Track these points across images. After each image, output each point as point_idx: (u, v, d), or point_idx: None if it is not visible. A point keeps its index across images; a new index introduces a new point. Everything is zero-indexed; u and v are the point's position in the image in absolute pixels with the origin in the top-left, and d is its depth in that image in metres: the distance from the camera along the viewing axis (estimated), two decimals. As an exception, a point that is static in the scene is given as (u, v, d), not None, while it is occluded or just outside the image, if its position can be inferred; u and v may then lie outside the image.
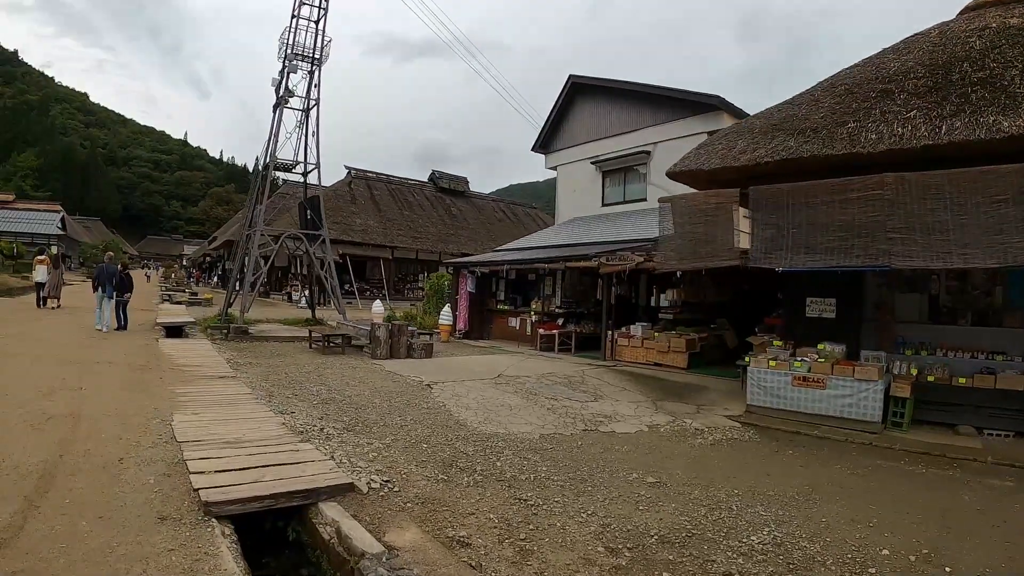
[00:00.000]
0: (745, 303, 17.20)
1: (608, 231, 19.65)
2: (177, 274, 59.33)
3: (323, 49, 19.25)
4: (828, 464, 7.41)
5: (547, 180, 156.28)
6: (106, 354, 12.16)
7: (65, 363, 10.75)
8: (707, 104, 19.43)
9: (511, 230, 43.69)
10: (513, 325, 19.22)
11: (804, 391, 9.51)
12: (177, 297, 30.68)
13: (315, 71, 19.34)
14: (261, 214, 18.59)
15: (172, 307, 24.17)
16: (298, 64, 18.84)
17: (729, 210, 10.29)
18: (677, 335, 14.86)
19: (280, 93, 18.90)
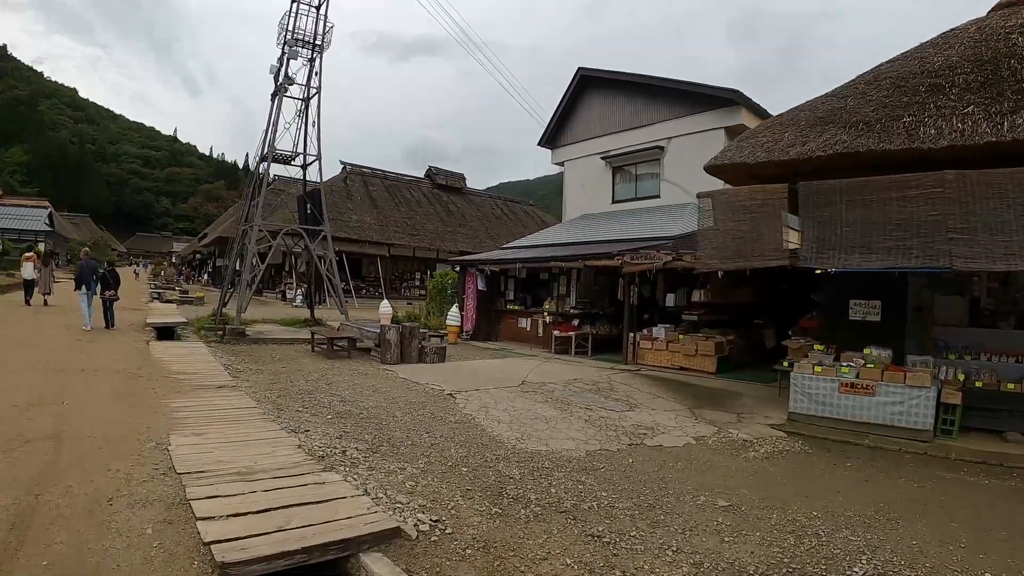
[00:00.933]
0: (770, 304, 16.34)
1: (620, 229, 18.79)
2: (167, 271, 58.04)
3: (325, 35, 18.22)
4: (891, 477, 7.00)
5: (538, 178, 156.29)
6: (93, 359, 11.11)
7: (48, 371, 9.72)
8: (725, 99, 18.60)
9: (509, 227, 42.76)
10: (523, 326, 18.27)
11: (852, 398, 8.92)
12: (167, 295, 29.56)
13: (316, 58, 18.30)
14: (259, 209, 17.49)
15: (162, 306, 23.07)
16: (298, 50, 17.80)
17: (776, 207, 9.69)
18: (704, 338, 14.04)
19: (279, 81, 17.85)
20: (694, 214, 18.03)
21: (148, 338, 14.66)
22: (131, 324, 16.97)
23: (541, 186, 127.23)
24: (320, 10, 18.15)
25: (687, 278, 15.47)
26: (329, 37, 18.32)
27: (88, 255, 17.61)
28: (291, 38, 17.67)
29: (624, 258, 14.19)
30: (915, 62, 10.33)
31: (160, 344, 13.82)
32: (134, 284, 40.10)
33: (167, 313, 18.94)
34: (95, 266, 16.37)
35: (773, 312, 16.19)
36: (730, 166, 11.33)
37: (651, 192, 20.87)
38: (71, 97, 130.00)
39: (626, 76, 22.21)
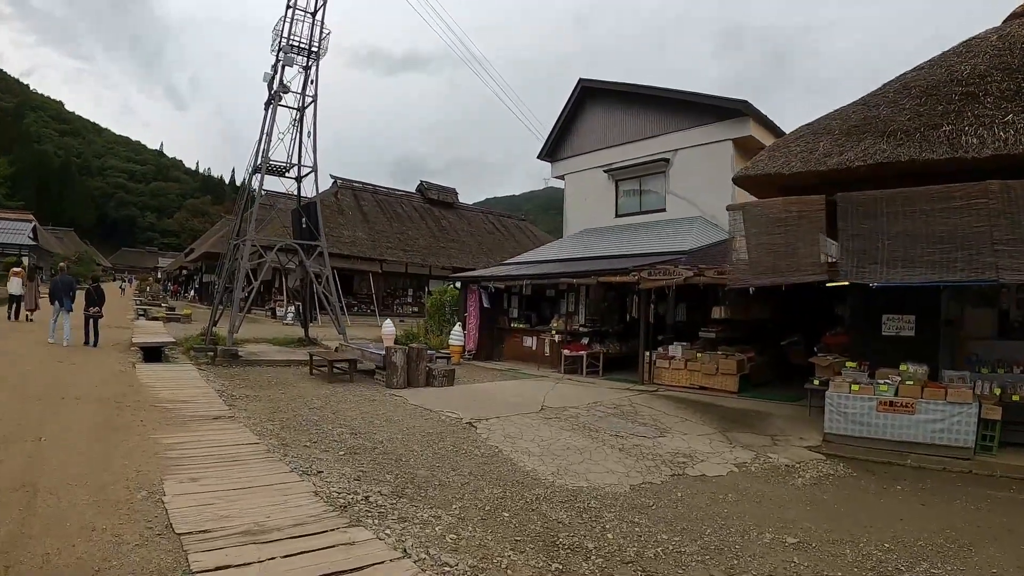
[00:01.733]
0: (789, 320, 15.69)
1: (626, 244, 18.15)
2: (152, 287, 56.75)
3: (321, 42, 17.47)
4: (945, 500, 6.81)
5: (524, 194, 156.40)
6: (74, 384, 10.17)
7: (25, 398, 8.80)
8: (733, 109, 18.03)
9: (502, 242, 42.09)
10: (529, 345, 17.45)
11: (890, 417, 8.53)
12: (153, 312, 28.42)
13: (312, 65, 17.53)
14: (252, 223, 16.61)
15: (149, 324, 22.06)
16: (294, 57, 17.03)
17: (812, 219, 9.39)
18: (724, 356, 13.38)
19: (273, 89, 17.05)
20: (703, 227, 17.64)
21: (134, 359, 13.72)
22: (116, 343, 16.06)
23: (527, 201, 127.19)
24: (316, 16, 17.43)
25: (702, 294, 14.87)
26: (326, 44, 17.59)
27: (64, 270, 17.33)
28: (286, 44, 16.90)
29: (641, 274, 13.47)
30: (942, 71, 10.13)
31: (147, 367, 12.87)
32: (119, 300, 39.04)
33: (154, 332, 17.99)
34: (70, 281, 16.04)
35: (792, 328, 15.58)
36: (762, 177, 10.74)
37: (657, 206, 20.22)
38: (57, 110, 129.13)
39: (629, 87, 21.62)
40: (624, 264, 15.12)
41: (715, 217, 18.02)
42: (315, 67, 17.55)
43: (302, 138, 17.63)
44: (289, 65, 17.02)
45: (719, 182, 18.01)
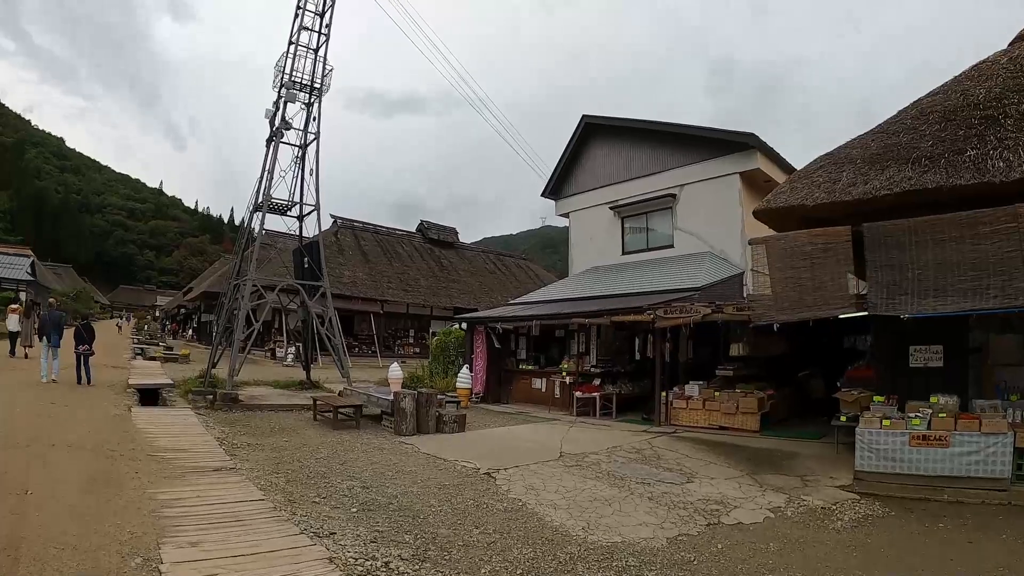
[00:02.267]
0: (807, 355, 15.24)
1: (634, 281, 17.80)
2: (150, 326, 56.09)
3: (324, 78, 17.26)
4: (993, 537, 6.48)
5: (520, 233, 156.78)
6: (66, 429, 9.61)
7: (13, 444, 8.25)
8: (740, 143, 17.88)
9: (503, 282, 41.81)
10: (538, 387, 16.92)
11: (923, 451, 8.16)
12: (151, 351, 27.82)
13: (315, 102, 17.29)
14: (252, 262, 16.17)
15: (146, 364, 21.50)
16: (296, 93, 16.79)
17: (839, 251, 9.15)
18: (744, 394, 12.94)
19: (275, 125, 16.77)
20: (713, 263, 17.27)
21: (130, 402, 13.18)
22: (112, 384, 15.51)
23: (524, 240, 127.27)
24: (319, 52, 17.25)
25: (715, 331, 14.43)
26: (328, 80, 17.38)
27: (53, 306, 17.49)
28: (288, 80, 16.68)
29: (657, 312, 13.03)
30: (957, 95, 9.98)
31: (143, 411, 12.31)
32: (116, 338, 38.33)
33: (151, 373, 17.44)
34: (59, 318, 15.89)
35: (806, 362, 15.27)
36: (784, 209, 10.42)
37: (664, 242, 19.92)
38: (57, 146, 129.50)
39: (633, 123, 21.49)
40: (634, 302, 14.79)
41: (724, 252, 17.73)
42: (317, 104, 17.34)
43: (304, 176, 17.31)
44: (291, 101, 16.78)
45: (727, 216, 17.79)
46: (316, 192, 17.22)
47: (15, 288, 43.81)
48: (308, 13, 17.28)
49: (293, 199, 17.39)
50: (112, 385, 15.44)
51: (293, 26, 17.16)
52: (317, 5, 17.44)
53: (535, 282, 44.02)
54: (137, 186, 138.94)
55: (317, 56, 17.26)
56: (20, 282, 45.72)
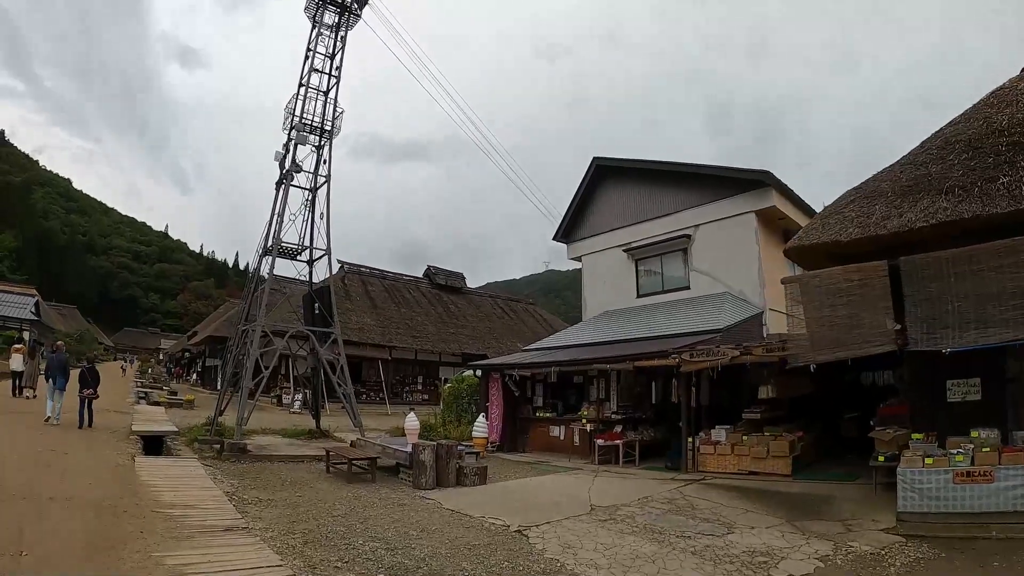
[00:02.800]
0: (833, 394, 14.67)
1: (651, 325, 17.46)
2: (155, 369, 55.52)
3: (335, 120, 17.13)
4: None
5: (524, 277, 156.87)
6: (66, 480, 9.06)
7: (8, 497, 7.67)
8: (754, 181, 17.65)
9: (511, 327, 41.39)
10: (556, 435, 16.34)
11: (968, 488, 7.81)
12: (154, 396, 27.22)
13: (325, 144, 17.11)
14: (262, 307, 15.79)
15: (149, 409, 20.88)
16: (306, 136, 16.62)
17: (875, 287, 8.84)
18: (773, 437, 12.40)
19: (286, 168, 16.56)
20: (732, 304, 16.84)
21: (133, 450, 12.62)
22: (114, 430, 14.93)
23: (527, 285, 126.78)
24: (329, 95, 17.16)
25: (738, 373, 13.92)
26: (339, 123, 17.27)
27: (60, 348, 17.36)
28: (299, 123, 16.52)
29: (683, 355, 12.57)
30: (979, 123, 9.92)
31: (148, 461, 11.72)
32: (120, 381, 37.77)
33: (155, 419, 16.87)
34: (64, 360, 15.71)
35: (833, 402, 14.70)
36: (817, 246, 10.15)
37: (680, 284, 19.55)
38: (65, 187, 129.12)
39: (645, 164, 21.36)
40: (654, 346, 14.43)
41: (742, 292, 17.38)
42: (328, 146, 17.17)
43: (314, 219, 17.04)
44: (302, 144, 16.63)
45: (744, 256, 17.52)
46: (327, 236, 16.94)
47: (19, 327, 43.69)
48: (318, 55, 17.29)
49: (303, 243, 17.07)
50: (115, 431, 14.89)
51: (303, 68, 17.18)
52: (327, 47, 17.47)
53: (544, 327, 43.57)
54: (143, 229, 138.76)
55: (327, 98, 17.21)
56: (24, 321, 45.66)
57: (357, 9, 17.94)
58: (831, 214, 10.44)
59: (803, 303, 9.52)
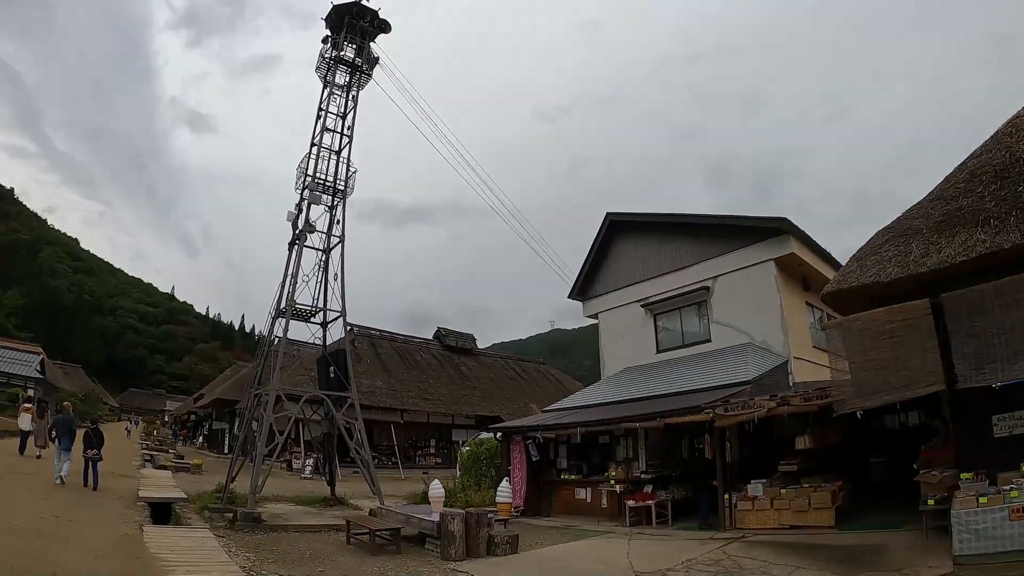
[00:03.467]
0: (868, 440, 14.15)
1: (675, 380, 17.00)
2: (160, 431, 54.61)
3: (348, 179, 17.02)
4: None
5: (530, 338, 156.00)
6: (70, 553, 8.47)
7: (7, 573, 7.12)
8: (772, 228, 17.37)
9: (524, 388, 40.79)
10: (582, 497, 15.72)
11: None
12: (161, 459, 26.53)
13: (339, 204, 16.97)
14: (276, 371, 15.35)
15: (156, 473, 20.26)
16: (319, 195, 16.48)
17: (919, 326, 8.78)
18: (813, 489, 11.84)
19: (299, 228, 16.35)
20: (757, 355, 16.37)
21: (140, 518, 12.02)
22: (120, 495, 14.39)
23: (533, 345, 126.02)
24: (342, 153, 17.13)
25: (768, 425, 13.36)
26: (352, 182, 17.15)
27: (68, 409, 17.83)
28: (311, 182, 16.41)
29: (716, 410, 12.10)
30: (1002, 152, 9.89)
31: (157, 531, 11.06)
32: (125, 442, 37.04)
33: (162, 484, 16.26)
34: (71, 421, 15.92)
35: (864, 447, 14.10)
36: (858, 288, 9.93)
37: (700, 337, 19.10)
38: (72, 247, 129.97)
39: (659, 217, 21.25)
40: (680, 402, 14.03)
41: (765, 342, 16.99)
42: (341, 206, 17.00)
43: (328, 281, 16.75)
44: (315, 203, 16.47)
45: (765, 305, 17.17)
46: (342, 298, 16.58)
47: (23, 385, 43.30)
48: (330, 115, 17.33)
49: (317, 305, 16.73)
50: (121, 496, 14.33)
51: (315, 128, 17.18)
52: (339, 107, 17.53)
53: (556, 386, 42.93)
54: (149, 290, 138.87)
55: (340, 157, 17.16)
56: (28, 379, 45.08)
57: (368, 69, 18.07)
58: (867, 255, 10.33)
59: (846, 348, 9.39)
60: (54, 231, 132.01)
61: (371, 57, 18.26)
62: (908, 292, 9.23)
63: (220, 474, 18.92)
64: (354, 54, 17.80)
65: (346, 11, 17.82)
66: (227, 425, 41.04)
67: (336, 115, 17.40)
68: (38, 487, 13.90)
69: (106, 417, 61.61)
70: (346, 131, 17.27)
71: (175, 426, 64.51)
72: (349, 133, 17.29)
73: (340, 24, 17.84)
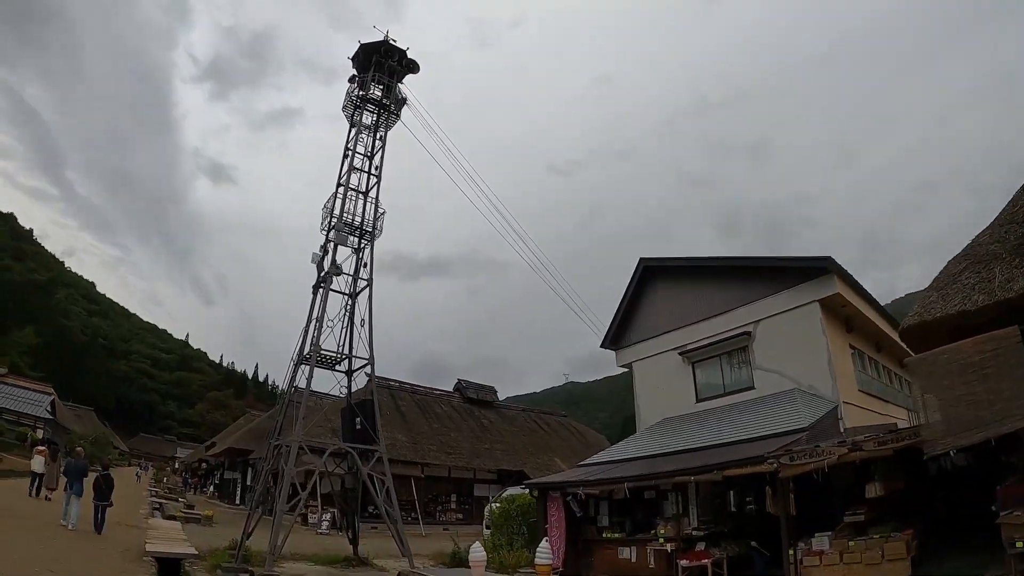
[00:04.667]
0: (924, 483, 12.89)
1: (719, 430, 15.99)
2: (170, 478, 53.39)
3: (376, 221, 16.43)
4: None
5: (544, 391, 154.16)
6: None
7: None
8: (816, 268, 16.56)
9: (547, 441, 39.70)
10: (627, 557, 14.44)
11: None
12: (170, 509, 25.51)
13: (366, 247, 16.32)
14: (299, 421, 14.48)
15: (165, 524, 19.20)
16: (346, 236, 15.86)
17: (1010, 355, 8.23)
18: (884, 539, 10.71)
19: (324, 270, 15.67)
20: (806, 400, 15.30)
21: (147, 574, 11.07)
22: (126, 547, 13.47)
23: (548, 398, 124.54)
24: (370, 194, 16.58)
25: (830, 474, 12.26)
26: (381, 223, 16.56)
27: (80, 455, 18.16)
28: (338, 223, 15.80)
29: (780, 459, 11.09)
30: None
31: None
32: (133, 488, 36.11)
33: (172, 537, 15.25)
34: (84, 466, 16.20)
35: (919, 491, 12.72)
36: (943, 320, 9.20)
37: (743, 384, 18.15)
38: (88, 289, 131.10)
39: (696, 261, 20.56)
40: (729, 454, 13.15)
41: (812, 387, 16.08)
42: (369, 248, 16.39)
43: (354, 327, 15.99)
44: (342, 244, 15.89)
45: (811, 348, 16.33)
46: (370, 345, 15.88)
47: (33, 425, 42.79)
48: (357, 155, 16.87)
49: (342, 352, 15.93)
50: (127, 549, 13.38)
51: (341, 168, 16.85)
52: (366, 147, 17.10)
53: (578, 439, 41.77)
54: (163, 336, 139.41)
55: (367, 198, 16.60)
56: (39, 419, 44.63)
57: (395, 110, 17.69)
58: (947, 284, 9.82)
59: (931, 385, 8.83)
60: (71, 273, 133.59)
61: (399, 97, 17.91)
62: (992, 320, 8.69)
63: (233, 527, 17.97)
64: (382, 93, 17.44)
65: (374, 50, 17.61)
66: (239, 475, 40.13)
67: (364, 155, 16.99)
68: (43, 531, 13.39)
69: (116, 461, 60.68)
70: (374, 171, 16.85)
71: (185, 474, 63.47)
72: (377, 173, 16.90)
73: (368, 63, 17.65)
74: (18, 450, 35.33)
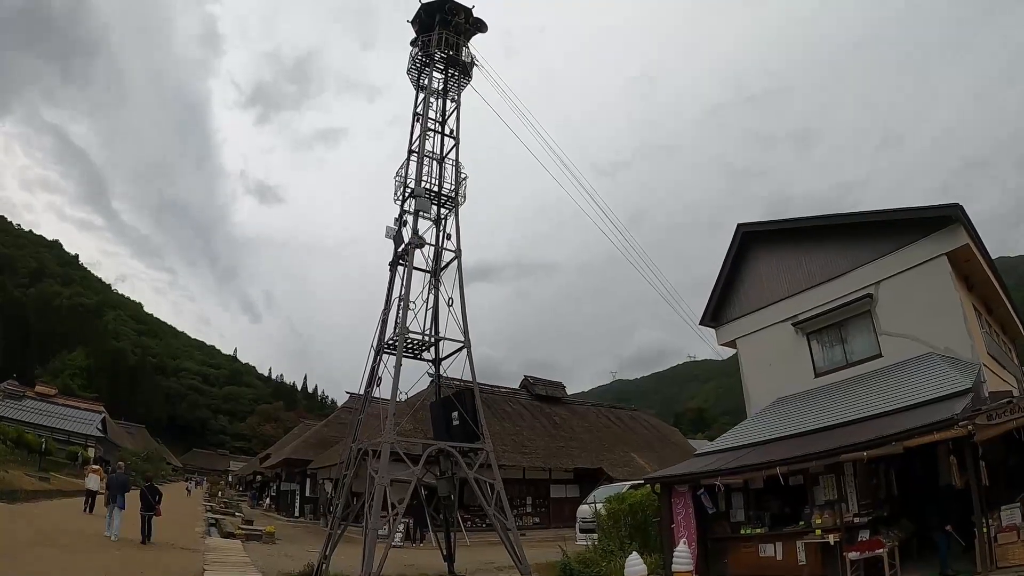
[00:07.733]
0: None
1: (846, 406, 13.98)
2: (226, 492, 52.43)
3: (459, 186, 14.66)
4: None
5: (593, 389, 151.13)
6: None
7: None
8: (940, 218, 14.52)
9: (623, 436, 37.79)
10: (769, 555, 12.46)
11: None
12: (227, 524, 24.01)
13: (448, 216, 14.58)
14: (390, 418, 12.71)
15: (223, 544, 17.78)
16: (427, 201, 14.06)
17: None
18: None
19: (402, 244, 13.92)
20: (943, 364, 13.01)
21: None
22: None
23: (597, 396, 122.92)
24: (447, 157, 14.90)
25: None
26: (464, 188, 14.78)
27: (121, 469, 18.96)
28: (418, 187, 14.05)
29: (974, 421, 9.10)
30: None
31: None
32: (185, 502, 35.10)
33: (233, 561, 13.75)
34: (125, 480, 16.69)
35: None
36: None
37: (868, 353, 16.03)
38: (136, 310, 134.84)
39: (802, 222, 18.33)
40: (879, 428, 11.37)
41: (949, 349, 14.04)
42: (454, 217, 14.62)
43: (438, 308, 14.25)
44: (424, 211, 14.05)
45: (944, 307, 14.47)
46: (463, 326, 13.92)
47: (84, 443, 42.74)
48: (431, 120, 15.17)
49: (428, 337, 14.16)
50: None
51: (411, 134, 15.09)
52: (437, 111, 15.40)
53: (653, 433, 39.74)
54: (212, 352, 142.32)
55: (445, 160, 14.84)
56: (90, 437, 44.60)
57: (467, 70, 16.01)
58: None
59: None
60: (118, 295, 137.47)
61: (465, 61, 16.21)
62: None
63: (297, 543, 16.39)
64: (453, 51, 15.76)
65: (436, 8, 15.91)
66: (297, 486, 38.96)
67: (435, 120, 15.25)
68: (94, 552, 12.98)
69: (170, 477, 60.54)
70: (450, 133, 15.03)
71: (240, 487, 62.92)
72: (454, 135, 15.04)
73: (431, 23, 15.94)
74: (69, 469, 34.79)
